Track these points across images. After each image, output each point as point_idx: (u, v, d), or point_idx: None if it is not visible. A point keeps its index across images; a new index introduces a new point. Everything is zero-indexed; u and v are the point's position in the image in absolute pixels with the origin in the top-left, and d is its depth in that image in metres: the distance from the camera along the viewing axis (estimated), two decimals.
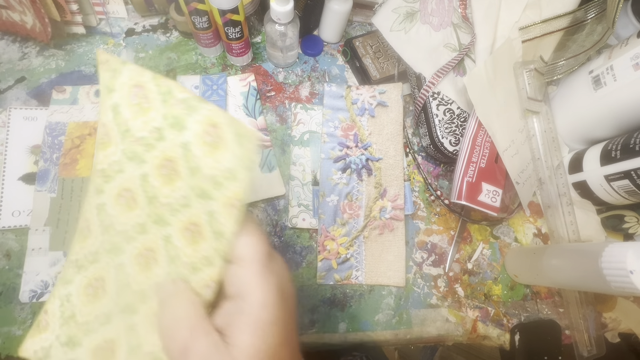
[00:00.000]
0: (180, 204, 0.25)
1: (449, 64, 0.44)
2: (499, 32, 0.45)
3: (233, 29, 0.44)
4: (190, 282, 0.24)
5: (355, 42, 0.52)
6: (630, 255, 0.30)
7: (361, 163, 0.46)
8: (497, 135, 0.43)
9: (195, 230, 0.25)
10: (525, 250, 0.45)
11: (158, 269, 0.25)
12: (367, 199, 0.45)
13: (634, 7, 0.46)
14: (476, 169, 0.42)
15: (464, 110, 0.45)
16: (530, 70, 0.45)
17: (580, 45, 0.45)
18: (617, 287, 0.31)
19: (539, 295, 0.46)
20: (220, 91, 0.48)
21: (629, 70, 0.38)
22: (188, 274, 0.25)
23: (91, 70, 0.49)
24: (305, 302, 0.42)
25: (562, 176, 0.46)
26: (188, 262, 0.25)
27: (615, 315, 0.46)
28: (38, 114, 0.45)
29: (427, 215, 0.47)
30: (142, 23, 0.52)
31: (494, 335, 0.44)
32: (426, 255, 0.46)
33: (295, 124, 0.48)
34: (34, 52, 0.49)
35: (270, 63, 0.52)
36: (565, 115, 0.47)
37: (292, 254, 0.44)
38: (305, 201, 0.45)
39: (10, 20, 0.46)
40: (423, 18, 0.47)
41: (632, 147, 0.38)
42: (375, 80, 0.50)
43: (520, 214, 0.49)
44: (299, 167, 0.47)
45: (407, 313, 0.43)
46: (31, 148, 0.44)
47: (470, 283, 0.45)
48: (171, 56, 0.51)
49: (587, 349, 0.41)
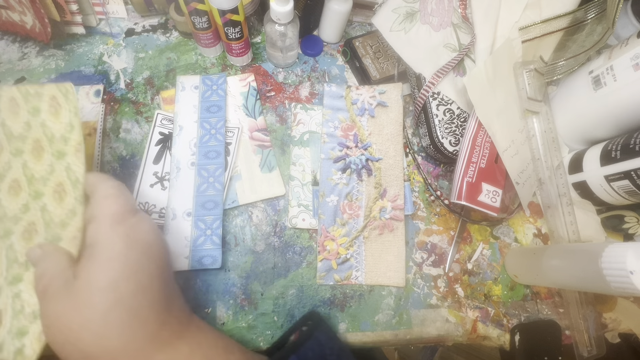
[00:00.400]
0: (47, 172, 0.32)
1: (449, 64, 0.44)
2: (499, 32, 0.45)
3: (233, 29, 0.44)
4: (62, 239, 0.30)
5: (355, 42, 0.52)
6: (630, 256, 0.30)
7: (361, 163, 0.46)
8: (497, 135, 0.43)
9: (61, 189, 0.32)
10: (525, 251, 0.45)
11: (38, 237, 0.31)
12: (367, 199, 0.45)
13: (634, 7, 0.46)
14: (476, 169, 0.42)
15: (464, 111, 0.45)
16: (530, 71, 0.45)
17: (580, 45, 0.45)
18: (617, 287, 0.31)
19: (539, 296, 0.46)
20: (220, 91, 0.48)
21: (629, 71, 0.38)
22: (60, 232, 0.31)
23: (91, 71, 0.49)
24: (305, 302, 0.42)
25: (562, 176, 0.46)
26: (59, 222, 0.31)
27: (615, 316, 0.46)
28: None
29: (427, 215, 0.47)
30: (142, 23, 0.52)
31: (494, 336, 0.44)
32: (426, 255, 0.46)
33: (295, 124, 0.48)
34: (33, 52, 0.49)
35: (270, 63, 0.52)
36: (565, 116, 0.47)
37: (292, 254, 0.44)
38: (305, 201, 0.45)
39: (10, 20, 0.46)
40: (423, 18, 0.47)
41: (632, 148, 0.38)
42: (375, 81, 0.50)
43: (520, 214, 0.49)
44: (298, 167, 0.47)
45: (407, 313, 0.43)
46: None
47: (470, 283, 0.45)
48: (171, 56, 0.51)
49: (587, 349, 0.41)
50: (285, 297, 0.42)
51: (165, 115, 0.46)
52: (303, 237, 0.45)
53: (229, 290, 0.42)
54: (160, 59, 0.51)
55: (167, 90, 0.48)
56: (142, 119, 0.47)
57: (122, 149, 0.46)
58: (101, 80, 0.48)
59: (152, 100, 0.48)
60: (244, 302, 0.42)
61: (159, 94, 0.48)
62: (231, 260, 0.43)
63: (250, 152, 0.47)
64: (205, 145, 0.45)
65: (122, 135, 0.46)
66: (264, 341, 0.41)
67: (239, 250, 0.43)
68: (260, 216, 0.45)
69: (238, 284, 0.42)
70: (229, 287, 0.42)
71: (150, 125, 0.46)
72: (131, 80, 0.49)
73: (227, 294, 0.42)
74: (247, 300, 0.42)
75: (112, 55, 0.50)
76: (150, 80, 0.49)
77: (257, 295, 0.42)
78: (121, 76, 0.49)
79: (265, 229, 0.45)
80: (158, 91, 0.48)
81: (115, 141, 0.46)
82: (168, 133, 0.46)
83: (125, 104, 0.48)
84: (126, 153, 0.45)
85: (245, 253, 0.43)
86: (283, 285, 0.43)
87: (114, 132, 0.46)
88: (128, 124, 0.47)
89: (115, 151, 0.45)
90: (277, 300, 0.42)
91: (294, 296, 0.42)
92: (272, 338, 0.41)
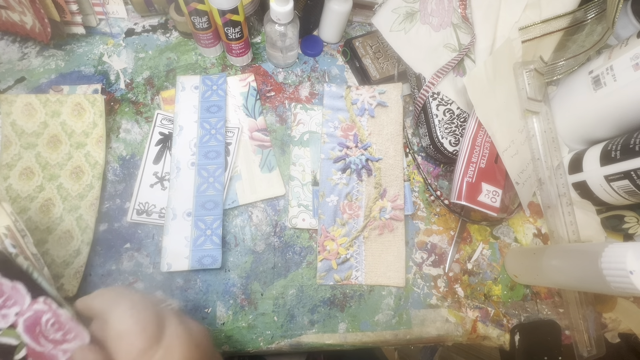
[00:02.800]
0: (65, 159, 0.42)
1: (449, 64, 0.44)
2: (499, 32, 0.45)
3: (233, 29, 0.44)
4: (80, 207, 0.41)
5: (355, 42, 0.52)
6: (630, 256, 0.30)
7: (361, 163, 0.46)
8: (497, 135, 0.43)
9: (79, 171, 0.42)
10: (525, 251, 0.45)
11: (56, 209, 0.41)
12: (367, 199, 0.45)
13: (634, 7, 0.46)
14: (476, 169, 0.42)
15: (464, 111, 0.45)
16: (530, 71, 0.45)
17: (580, 45, 0.45)
18: (617, 287, 0.31)
19: (539, 296, 0.46)
20: (220, 91, 0.48)
21: (629, 71, 0.38)
22: (78, 202, 0.41)
23: (91, 71, 0.49)
24: (305, 302, 0.42)
25: (562, 176, 0.46)
26: (76, 194, 0.42)
27: (615, 316, 0.46)
28: None
29: (427, 215, 0.47)
30: (141, 23, 0.52)
31: (494, 336, 0.44)
32: (426, 255, 0.46)
33: (295, 124, 0.48)
34: (33, 52, 0.49)
35: (270, 63, 0.52)
36: (565, 116, 0.47)
37: (292, 254, 0.44)
38: (305, 201, 0.45)
39: (10, 21, 0.46)
40: (423, 18, 0.47)
41: (632, 148, 0.38)
42: (375, 81, 0.50)
43: (520, 214, 0.49)
44: (298, 167, 0.47)
45: (407, 313, 0.43)
46: None
47: (470, 283, 0.45)
48: (171, 56, 0.51)
49: (587, 349, 0.41)
50: (285, 297, 0.42)
51: (165, 115, 0.46)
52: (303, 237, 0.45)
53: (229, 290, 0.42)
54: (160, 59, 0.51)
55: (167, 91, 0.48)
56: (142, 119, 0.47)
57: (122, 149, 0.46)
58: (101, 81, 0.48)
59: (152, 100, 0.48)
60: (244, 302, 0.42)
61: (159, 94, 0.48)
62: (231, 260, 0.43)
63: (250, 152, 0.47)
64: (205, 146, 0.45)
65: (122, 135, 0.46)
66: (263, 341, 0.41)
67: (239, 250, 0.43)
68: (260, 216, 0.45)
69: (238, 284, 0.42)
70: (229, 287, 0.42)
71: (150, 125, 0.46)
72: (131, 80, 0.49)
73: (227, 294, 0.42)
74: (247, 300, 0.42)
75: (112, 56, 0.50)
76: (150, 80, 0.49)
77: (257, 295, 0.42)
78: (121, 76, 0.49)
79: (265, 229, 0.45)
80: (158, 91, 0.48)
81: (115, 141, 0.46)
82: (168, 133, 0.46)
83: (125, 104, 0.48)
84: (126, 153, 0.45)
85: (245, 253, 0.43)
86: (283, 285, 0.43)
87: (114, 132, 0.46)
88: (128, 124, 0.47)
89: (115, 151, 0.45)
90: (277, 300, 0.42)
91: (293, 296, 0.42)
92: (271, 338, 0.41)
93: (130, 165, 0.45)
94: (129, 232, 0.43)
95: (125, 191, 0.44)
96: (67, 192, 0.41)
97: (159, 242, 0.43)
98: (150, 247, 0.42)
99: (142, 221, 0.43)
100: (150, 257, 0.42)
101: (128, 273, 0.41)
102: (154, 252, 0.42)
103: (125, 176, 0.44)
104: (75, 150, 0.43)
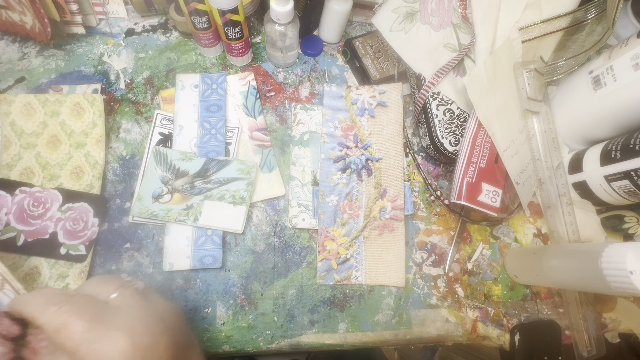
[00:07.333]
0: (65, 159, 0.42)
1: (449, 64, 0.44)
2: (499, 32, 0.45)
3: (233, 29, 0.44)
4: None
5: (355, 42, 0.52)
6: (630, 256, 0.30)
7: (361, 163, 0.46)
8: (497, 135, 0.43)
9: (79, 171, 0.42)
10: (525, 251, 0.45)
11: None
12: (367, 199, 0.45)
13: (634, 7, 0.46)
14: (476, 169, 0.42)
15: (464, 111, 0.45)
16: (530, 71, 0.45)
17: (580, 45, 0.45)
18: (617, 287, 0.31)
19: (539, 296, 0.46)
20: (220, 90, 0.48)
21: (629, 71, 0.38)
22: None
23: (91, 71, 0.49)
24: (305, 302, 0.42)
25: (562, 176, 0.46)
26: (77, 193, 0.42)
27: (615, 316, 0.46)
28: None
29: (427, 215, 0.47)
30: (141, 23, 0.52)
31: (494, 336, 0.44)
32: (426, 255, 0.46)
33: (295, 124, 0.48)
34: (33, 52, 0.49)
35: (270, 63, 0.52)
36: (565, 116, 0.47)
37: (292, 254, 0.44)
38: (305, 201, 0.45)
39: (10, 21, 0.46)
40: (423, 18, 0.47)
41: (632, 148, 0.38)
42: (375, 81, 0.50)
43: (520, 214, 0.49)
44: (298, 167, 0.47)
45: (407, 313, 0.43)
46: None
47: (470, 283, 0.45)
48: (171, 56, 0.51)
49: (587, 349, 0.41)
50: (285, 297, 0.42)
51: (165, 115, 0.46)
52: (303, 237, 0.45)
53: (229, 290, 0.42)
54: (160, 59, 0.50)
55: (166, 90, 0.48)
56: (142, 119, 0.47)
57: (122, 148, 0.46)
58: (101, 80, 0.48)
59: (152, 100, 0.48)
60: (244, 302, 0.42)
61: (158, 93, 0.48)
62: (231, 260, 0.43)
63: (250, 152, 0.47)
64: (206, 145, 0.45)
65: (122, 135, 0.46)
66: (263, 341, 0.41)
67: (239, 250, 0.43)
68: (260, 216, 0.45)
69: (238, 284, 0.42)
70: (229, 287, 0.42)
71: (150, 125, 0.46)
72: (131, 80, 0.49)
73: (227, 294, 0.42)
74: (247, 300, 0.42)
75: (112, 55, 0.50)
76: (150, 80, 0.49)
77: (257, 295, 0.42)
78: (121, 76, 0.49)
79: (265, 229, 0.45)
80: (158, 91, 0.48)
81: (115, 141, 0.46)
82: (168, 133, 0.46)
83: (125, 104, 0.48)
84: (126, 153, 0.45)
85: (245, 253, 0.43)
86: (283, 285, 0.43)
87: (114, 132, 0.46)
88: (128, 124, 0.47)
89: (115, 151, 0.45)
90: (277, 300, 0.42)
91: (293, 296, 0.42)
92: (271, 338, 0.41)
93: (130, 165, 0.45)
94: (129, 232, 0.43)
95: (125, 191, 0.44)
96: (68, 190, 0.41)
97: (159, 242, 0.43)
98: (150, 247, 0.42)
99: (143, 221, 0.43)
100: (150, 257, 0.42)
101: (128, 273, 0.41)
102: (154, 252, 0.42)
103: (125, 176, 0.44)
104: (75, 150, 0.43)
